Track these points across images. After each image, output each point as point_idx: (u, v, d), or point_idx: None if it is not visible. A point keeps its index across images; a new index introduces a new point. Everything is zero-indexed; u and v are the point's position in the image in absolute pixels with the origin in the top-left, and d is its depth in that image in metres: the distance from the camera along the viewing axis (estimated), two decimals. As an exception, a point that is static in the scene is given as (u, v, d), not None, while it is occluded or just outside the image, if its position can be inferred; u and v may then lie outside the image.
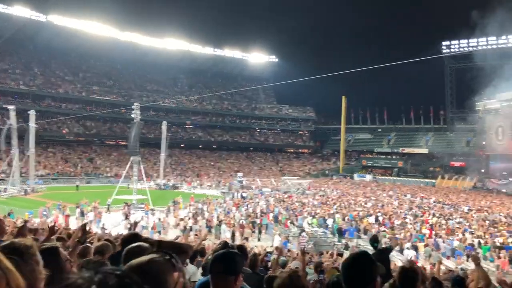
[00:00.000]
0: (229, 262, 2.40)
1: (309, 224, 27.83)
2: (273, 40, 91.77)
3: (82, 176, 54.57)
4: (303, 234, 23.44)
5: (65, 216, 25.96)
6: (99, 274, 1.20)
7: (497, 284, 10.33)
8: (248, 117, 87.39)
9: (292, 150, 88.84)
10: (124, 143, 54.95)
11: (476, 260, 4.98)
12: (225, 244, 4.33)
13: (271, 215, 29.44)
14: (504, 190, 54.86)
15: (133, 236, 3.77)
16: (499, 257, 19.63)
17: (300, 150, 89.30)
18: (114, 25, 73.81)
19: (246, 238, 22.43)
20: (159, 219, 26.49)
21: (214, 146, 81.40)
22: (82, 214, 26.78)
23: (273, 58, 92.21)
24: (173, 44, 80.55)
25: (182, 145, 76.52)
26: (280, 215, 29.51)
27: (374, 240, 6.58)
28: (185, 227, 24.08)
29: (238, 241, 20.99)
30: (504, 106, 54.98)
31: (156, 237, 21.49)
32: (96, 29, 72.51)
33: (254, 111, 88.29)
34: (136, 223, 24.72)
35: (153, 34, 78.04)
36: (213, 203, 34.48)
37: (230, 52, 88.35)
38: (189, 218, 26.86)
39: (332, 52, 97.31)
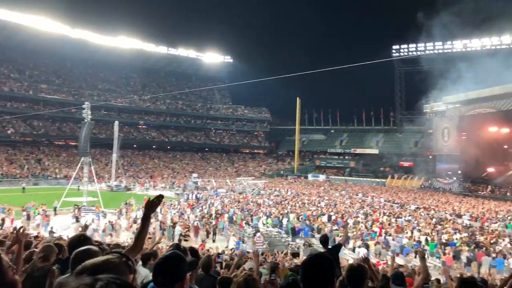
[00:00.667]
0: (169, 272, 2.36)
1: (264, 224, 27.99)
2: (228, 40, 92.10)
3: (29, 178, 52.25)
4: (258, 234, 23.56)
5: (11, 219, 24.80)
6: (100, 282, 1.17)
7: (442, 278, 10.82)
8: (203, 117, 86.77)
9: (247, 151, 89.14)
10: (74, 143, 53.05)
11: (422, 254, 5.21)
12: (176, 247, 4.26)
13: (226, 216, 29.39)
14: (449, 189, 57.55)
15: (80, 238, 3.65)
16: (444, 254, 20.55)
17: (255, 151, 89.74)
18: (64, 22, 71.24)
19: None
20: (110, 221, 25.81)
21: (168, 147, 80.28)
22: (28, 217, 25.65)
23: (228, 59, 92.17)
24: (125, 42, 78.72)
25: (135, 146, 74.99)
26: (235, 215, 29.50)
27: (324, 240, 6.70)
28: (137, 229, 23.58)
29: (193, 243, 20.83)
30: (449, 109, 57.54)
31: (107, 240, 20.96)
32: (44, 25, 69.55)
33: (209, 111, 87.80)
34: (86, 226, 23.94)
35: (105, 32, 76.04)
36: (167, 204, 33.97)
37: (184, 52, 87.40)
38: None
39: (287, 54, 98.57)
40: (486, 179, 54.62)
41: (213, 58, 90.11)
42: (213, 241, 24.25)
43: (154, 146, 78.56)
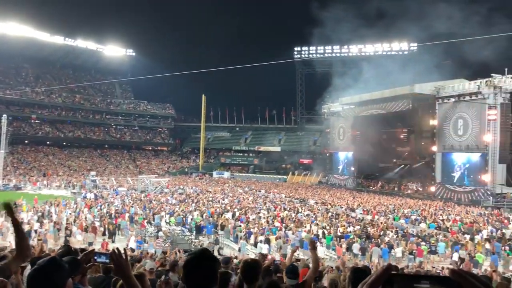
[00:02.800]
0: (43, 285, 2.11)
1: (167, 223, 27.51)
2: (131, 33, 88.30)
3: None
4: (160, 233, 23.12)
5: None
6: None
7: (336, 268, 11.48)
8: (103, 112, 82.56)
9: (150, 148, 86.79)
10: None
11: (312, 244, 5.46)
12: (67, 248, 4.01)
13: (127, 215, 28.39)
14: (344, 185, 61.34)
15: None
16: (340, 246, 21.85)
17: (159, 148, 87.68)
18: None
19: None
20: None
21: (64, 143, 75.24)
22: None
23: (131, 52, 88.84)
24: (15, 29, 71.99)
25: (26, 142, 69.24)
26: (137, 215, 28.61)
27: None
28: (29, 231, 21.82)
29: (96, 245, 19.81)
30: (345, 110, 61.20)
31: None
32: None
33: (109, 106, 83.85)
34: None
35: (-8, 17, 68.96)
36: (62, 204, 31.90)
37: (83, 43, 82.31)
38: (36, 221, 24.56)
39: (193, 51, 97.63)
40: (377, 175, 59.14)
41: (115, 51, 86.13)
42: (113, 241, 23.28)
43: (48, 142, 73.10)
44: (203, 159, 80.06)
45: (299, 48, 78.94)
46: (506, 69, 41.26)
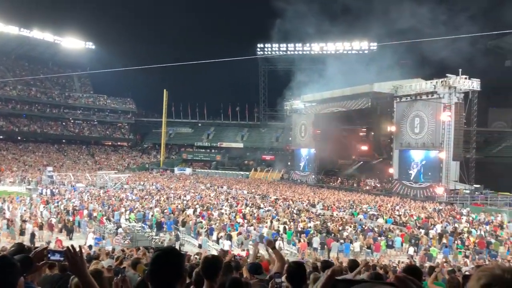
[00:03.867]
0: None
1: (126, 219, 27.02)
2: (91, 26, 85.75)
3: None
4: (120, 230, 22.68)
5: None
6: None
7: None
8: (61, 106, 79.81)
9: (110, 143, 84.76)
10: None
11: (270, 244, 5.47)
12: (19, 247, 3.85)
13: (85, 212, 27.67)
14: (305, 181, 62.16)
15: None
16: (299, 241, 22.13)
17: (119, 143, 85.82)
18: None
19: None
20: None
21: (19, 137, 72.43)
22: None
23: (91, 45, 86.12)
24: (-36, 17, 68.48)
25: (-23, 136, 66.29)
26: (95, 211, 27.94)
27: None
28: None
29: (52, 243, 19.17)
30: (307, 107, 62.00)
31: None
32: None
33: (67, 100, 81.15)
34: None
35: None
36: (16, 201, 30.73)
37: (40, 34, 78.95)
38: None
39: (155, 45, 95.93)
40: (337, 171, 60.32)
41: (73, 43, 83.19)
42: (70, 238, 22.68)
43: (1, 137, 70.14)
44: (165, 155, 79.04)
45: (262, 45, 79.03)
46: (460, 70, 42.94)
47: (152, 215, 27.33)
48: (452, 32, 44.25)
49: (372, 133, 53.74)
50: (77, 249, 2.36)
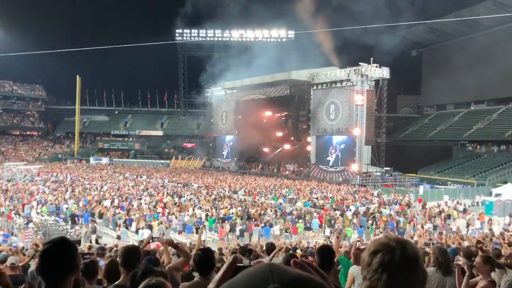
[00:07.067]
0: None
1: (38, 213, 25.52)
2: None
3: None
4: (30, 224, 21.40)
5: None
6: None
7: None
8: (-42, 93, 72.82)
9: (17, 133, 78.83)
10: None
11: (172, 244, 5.37)
12: None
13: (-11, 207, 25.67)
14: (227, 168, 62.61)
15: None
16: (222, 227, 22.37)
17: (28, 133, 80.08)
18: None
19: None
20: None
21: None
22: None
23: (-8, 26, 79.08)
24: None
25: None
26: (2, 206, 26.03)
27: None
28: None
29: None
30: (227, 94, 62.11)
31: None
32: None
33: (-34, 86, 74.19)
34: None
35: None
36: None
37: None
38: None
39: (66, 28, 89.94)
40: (257, 157, 61.42)
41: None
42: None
43: None
44: (79, 144, 75.28)
45: (180, 30, 77.41)
46: (371, 59, 45.46)
47: (66, 208, 26.07)
48: (364, 23, 46.73)
49: (291, 120, 55.25)
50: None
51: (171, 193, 34.02)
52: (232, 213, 25.25)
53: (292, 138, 55.27)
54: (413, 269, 1.23)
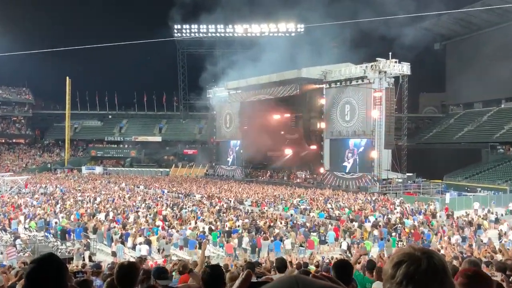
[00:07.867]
0: None
1: (26, 228, 25.63)
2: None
3: None
4: (18, 241, 21.46)
5: None
6: None
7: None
8: None
9: (3, 141, 79.63)
10: None
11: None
12: None
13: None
14: (232, 176, 62.58)
15: None
16: (227, 242, 22.28)
17: (14, 140, 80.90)
18: None
19: None
20: None
21: None
22: None
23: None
24: None
25: None
26: (-14, 221, 26.17)
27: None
28: None
29: None
30: (231, 95, 62.19)
31: None
32: None
33: None
34: None
35: None
36: None
37: None
38: None
39: (54, 27, 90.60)
40: (266, 164, 61.31)
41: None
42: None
43: None
44: (69, 152, 75.76)
45: (179, 26, 77.68)
46: (390, 53, 45.31)
47: (56, 222, 26.14)
48: (381, 14, 46.55)
49: (302, 122, 55.10)
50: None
51: (171, 205, 34.02)
52: (238, 226, 25.17)
53: (303, 142, 55.12)
54: (441, 281, 1.22)
